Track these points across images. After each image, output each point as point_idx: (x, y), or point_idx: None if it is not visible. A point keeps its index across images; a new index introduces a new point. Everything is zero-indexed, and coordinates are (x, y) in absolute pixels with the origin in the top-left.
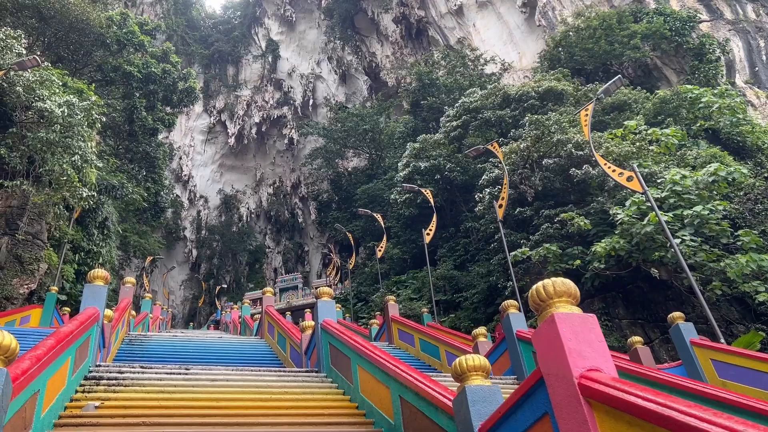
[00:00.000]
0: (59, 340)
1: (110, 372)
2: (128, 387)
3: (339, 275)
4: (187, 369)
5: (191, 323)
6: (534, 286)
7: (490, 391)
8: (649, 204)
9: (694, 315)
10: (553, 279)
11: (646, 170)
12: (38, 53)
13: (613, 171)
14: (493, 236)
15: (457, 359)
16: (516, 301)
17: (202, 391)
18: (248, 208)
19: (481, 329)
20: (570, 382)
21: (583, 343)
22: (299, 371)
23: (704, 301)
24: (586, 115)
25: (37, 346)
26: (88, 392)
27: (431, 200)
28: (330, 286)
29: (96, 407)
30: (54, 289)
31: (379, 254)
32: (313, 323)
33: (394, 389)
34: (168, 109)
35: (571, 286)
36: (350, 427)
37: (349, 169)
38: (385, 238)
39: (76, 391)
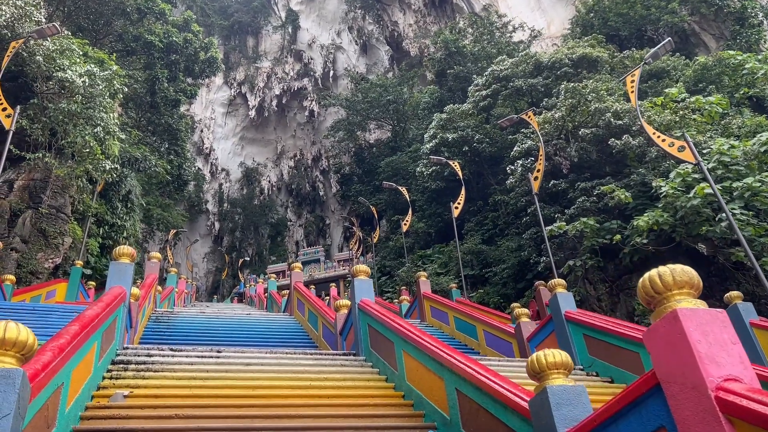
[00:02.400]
0: (84, 325)
1: (138, 355)
2: (158, 372)
3: (361, 249)
4: (218, 352)
5: (215, 296)
6: (646, 276)
7: (576, 392)
8: (695, 176)
9: (740, 293)
10: (671, 266)
11: (691, 140)
12: (58, 23)
13: (663, 141)
14: (524, 210)
15: (535, 355)
16: (563, 280)
17: (235, 377)
18: (269, 181)
19: (524, 309)
20: (703, 394)
21: (715, 345)
22: (336, 354)
23: (764, 278)
24: (632, 81)
25: (59, 334)
26: (116, 379)
27: (459, 173)
28: (352, 259)
29: (125, 396)
30: (79, 263)
31: (404, 228)
32: (346, 302)
33: (449, 381)
34: (190, 80)
35: (694, 275)
36: (398, 420)
37: (372, 141)
38: (410, 211)
39: (103, 378)
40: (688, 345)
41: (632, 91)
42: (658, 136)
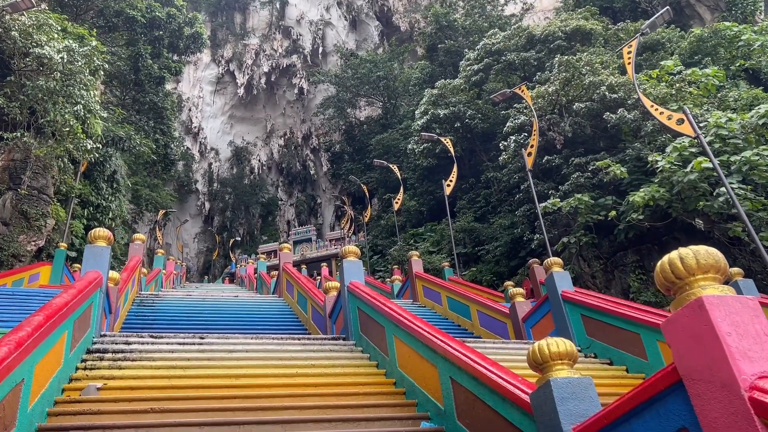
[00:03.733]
0: (50, 315)
1: (116, 343)
2: (136, 362)
3: (353, 228)
4: (201, 338)
5: (206, 276)
6: (666, 259)
7: (582, 384)
8: (692, 150)
9: (739, 269)
10: (693, 248)
11: (690, 113)
12: None
13: (661, 114)
14: (517, 187)
15: (537, 344)
16: (559, 258)
17: (218, 365)
18: (259, 161)
19: (519, 289)
20: (734, 394)
21: (747, 338)
22: (325, 339)
23: (765, 253)
24: (629, 52)
25: (20, 326)
26: (90, 369)
27: (451, 150)
28: (344, 239)
29: (98, 389)
30: (63, 245)
31: (396, 206)
32: (336, 284)
33: (443, 369)
34: (174, 57)
35: (720, 258)
36: (389, 410)
37: (362, 118)
38: (402, 189)
39: (77, 369)
40: (717, 338)
41: (629, 63)
42: (656, 109)
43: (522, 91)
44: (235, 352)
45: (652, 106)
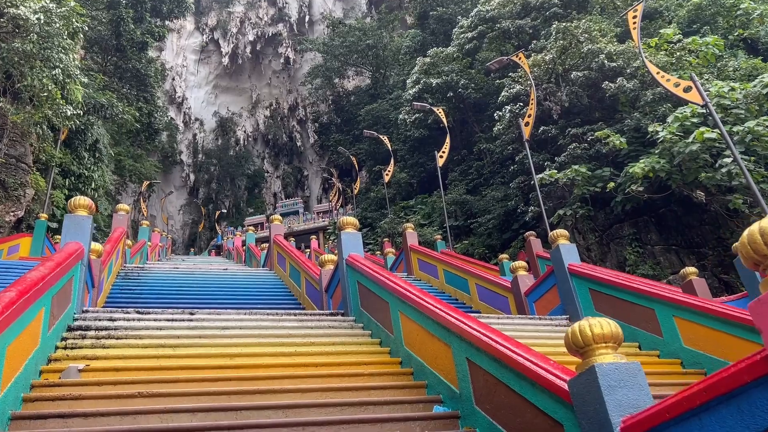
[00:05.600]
0: (23, 291)
1: (100, 320)
2: (121, 340)
3: (341, 200)
4: (191, 314)
5: (192, 248)
6: (756, 227)
7: (630, 370)
8: (694, 120)
9: (734, 240)
10: None
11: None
12: None
13: (668, 81)
14: (511, 158)
15: (577, 325)
16: (564, 230)
17: (211, 344)
18: (245, 132)
19: (521, 263)
20: None
21: None
22: (323, 315)
23: None
24: (634, 17)
25: None
26: (72, 348)
27: (444, 120)
28: (332, 211)
29: (80, 371)
30: (43, 216)
31: (386, 178)
32: (332, 257)
33: (458, 349)
34: (158, 22)
35: None
36: (397, 392)
37: (350, 89)
38: (392, 161)
39: (56, 348)
40: None
41: (634, 28)
42: (663, 76)
43: (519, 58)
44: (228, 329)
45: (658, 73)
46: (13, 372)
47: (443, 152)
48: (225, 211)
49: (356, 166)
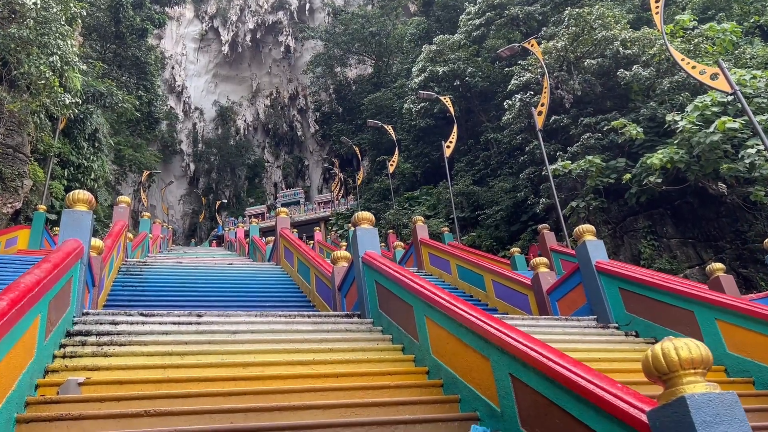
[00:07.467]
0: (16, 299)
1: (101, 323)
2: (124, 347)
3: (342, 190)
4: (199, 316)
5: (192, 239)
6: None
7: (727, 402)
8: (714, 109)
9: (753, 233)
10: None
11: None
12: None
13: (693, 68)
14: (519, 148)
15: (659, 347)
16: (592, 227)
17: (221, 350)
18: (245, 121)
19: (542, 259)
20: None
21: None
22: (339, 316)
23: None
24: (657, 2)
25: None
26: (71, 357)
27: (451, 109)
28: (333, 201)
29: (80, 384)
30: (42, 207)
31: (391, 168)
32: (345, 253)
33: (498, 363)
34: (157, 8)
35: None
36: (429, 409)
37: (352, 78)
38: (397, 151)
39: (54, 357)
40: None
41: (657, 13)
42: (687, 63)
43: (531, 45)
44: (239, 333)
45: (682, 59)
46: (5, 391)
47: (450, 142)
48: (225, 201)
49: (359, 156)
